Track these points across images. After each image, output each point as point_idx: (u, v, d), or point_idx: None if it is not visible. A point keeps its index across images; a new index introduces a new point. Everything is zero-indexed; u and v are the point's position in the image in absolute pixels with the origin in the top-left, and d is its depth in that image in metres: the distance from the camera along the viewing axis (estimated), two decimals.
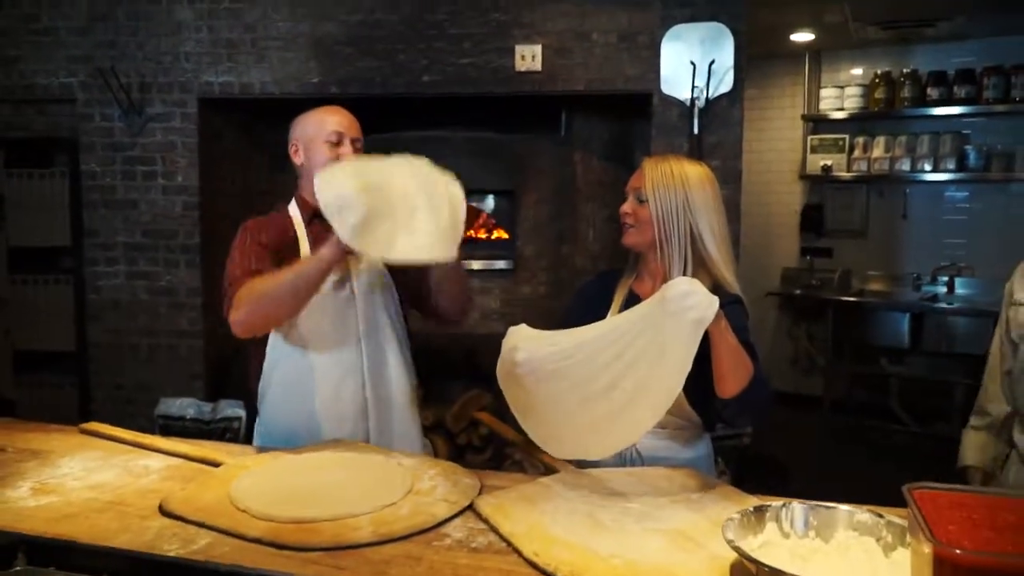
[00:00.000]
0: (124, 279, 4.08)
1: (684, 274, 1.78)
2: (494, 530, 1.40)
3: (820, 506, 1.30)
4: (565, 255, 4.29)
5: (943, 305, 5.12)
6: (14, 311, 4.19)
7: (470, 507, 1.49)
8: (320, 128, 1.97)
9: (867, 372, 5.49)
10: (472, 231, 4.68)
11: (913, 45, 5.48)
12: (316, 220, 1.94)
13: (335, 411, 1.97)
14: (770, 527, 1.28)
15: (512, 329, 1.67)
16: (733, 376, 1.57)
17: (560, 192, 4.26)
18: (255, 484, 1.56)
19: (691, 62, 3.51)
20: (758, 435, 3.65)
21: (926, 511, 0.99)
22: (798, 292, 5.79)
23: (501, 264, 4.25)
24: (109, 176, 4.05)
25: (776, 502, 1.31)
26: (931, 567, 0.90)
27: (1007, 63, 5.06)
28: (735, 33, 3.54)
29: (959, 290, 5.33)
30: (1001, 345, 1.92)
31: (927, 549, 0.91)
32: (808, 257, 5.89)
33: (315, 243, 1.90)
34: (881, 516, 1.25)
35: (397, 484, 1.57)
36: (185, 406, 3.82)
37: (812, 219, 5.95)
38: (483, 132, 4.22)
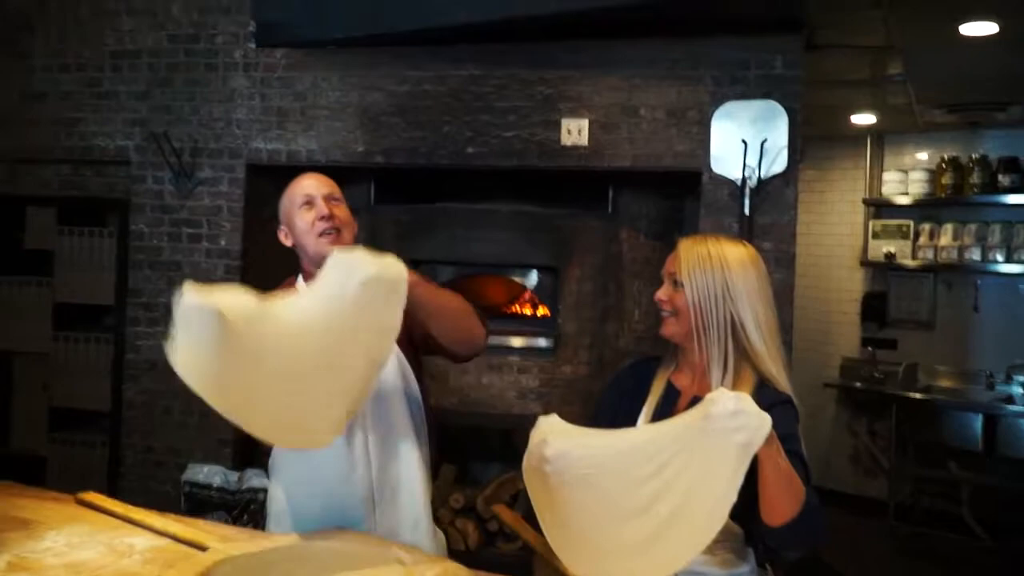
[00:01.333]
0: (163, 339, 4.04)
1: (725, 368, 1.61)
2: None
3: None
4: (609, 334, 4.12)
5: (1020, 407, 4.75)
6: (54, 367, 4.20)
7: None
8: (291, 201, 1.95)
9: (935, 476, 5.09)
10: (516, 306, 4.57)
11: (982, 130, 5.27)
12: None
13: (340, 495, 1.85)
14: None
15: (543, 419, 1.51)
16: (781, 503, 1.37)
17: (605, 269, 4.13)
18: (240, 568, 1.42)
19: (743, 140, 3.39)
20: None
21: None
22: (859, 385, 5.47)
23: (542, 342, 4.11)
24: (156, 238, 4.08)
25: None
26: None
27: None
28: (789, 112, 3.41)
29: None
30: None
31: None
32: (870, 348, 5.58)
33: None
34: None
35: None
36: (212, 474, 3.74)
37: (874, 308, 5.67)
38: (528, 206, 4.15)
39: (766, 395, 1.52)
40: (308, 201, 1.90)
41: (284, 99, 3.96)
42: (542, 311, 4.38)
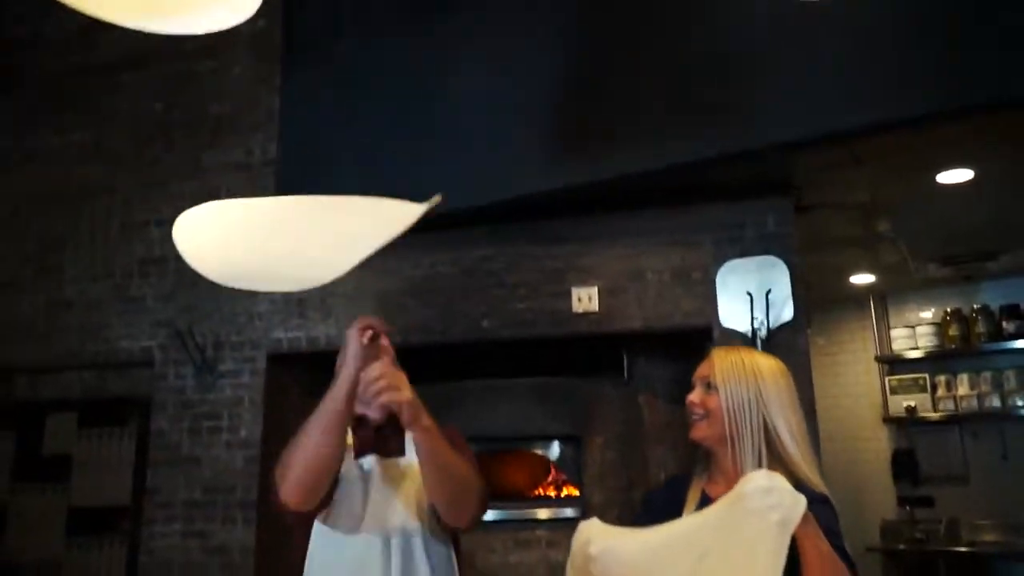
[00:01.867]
0: (179, 539, 3.95)
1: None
2: None
3: None
4: (636, 502, 4.02)
5: None
6: None
7: None
8: (351, 334, 1.99)
9: None
10: (541, 488, 4.49)
11: (978, 282, 5.42)
12: (360, 428, 1.93)
13: None
14: None
15: (583, 524, 1.50)
16: None
17: (627, 436, 4.11)
18: None
19: (748, 293, 3.51)
20: None
21: None
22: (903, 547, 5.24)
23: (569, 512, 4.01)
24: (176, 433, 4.10)
25: None
26: None
27: None
28: (788, 264, 3.55)
29: None
30: None
31: None
32: (908, 507, 5.40)
33: (359, 447, 1.90)
34: None
35: None
36: None
37: (905, 465, 5.54)
38: (545, 378, 4.20)
39: (803, 493, 1.51)
40: (365, 327, 1.93)
41: (303, 291, 4.13)
42: (569, 491, 4.31)
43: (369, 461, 1.93)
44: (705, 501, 1.70)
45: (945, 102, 2.67)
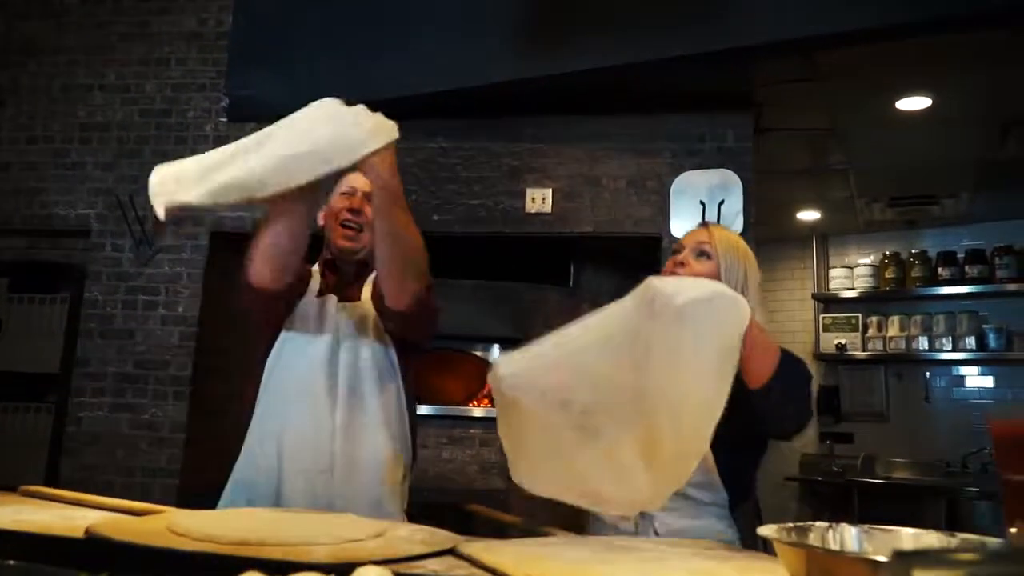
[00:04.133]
0: (108, 411, 3.88)
1: None
2: (478, 564, 1.15)
3: (877, 529, 1.06)
4: None
5: (976, 489, 4.78)
6: None
7: (451, 551, 1.25)
8: (337, 186, 2.01)
9: None
10: (476, 401, 4.51)
11: (920, 229, 5.57)
12: (327, 270, 1.97)
13: (299, 461, 1.78)
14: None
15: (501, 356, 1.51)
16: (760, 361, 1.42)
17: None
18: (199, 517, 1.33)
19: (700, 202, 3.53)
20: None
21: None
22: (820, 479, 5.45)
23: None
24: (110, 305, 3.99)
25: (820, 523, 1.08)
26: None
27: (1017, 244, 5.10)
28: (744, 180, 3.58)
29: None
30: None
31: None
32: (828, 442, 5.61)
33: (323, 288, 1.92)
34: (953, 536, 1.02)
35: (365, 527, 1.33)
36: None
37: (829, 402, 5.74)
38: (491, 281, 4.19)
39: None
40: (349, 192, 1.95)
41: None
42: None
43: (330, 300, 1.91)
44: None
45: (906, 15, 2.69)
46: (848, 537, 1.04)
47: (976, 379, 5.33)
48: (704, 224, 1.80)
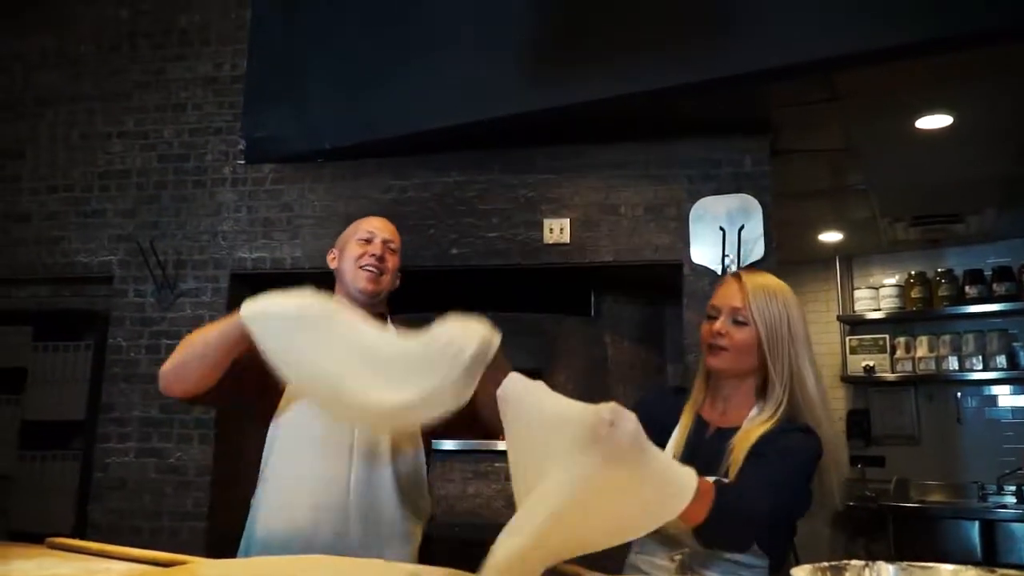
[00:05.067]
0: (134, 456, 3.89)
1: (777, 406, 1.60)
2: None
3: (916, 566, 1.02)
4: None
5: (1017, 511, 4.65)
6: (18, 489, 3.97)
7: None
8: (355, 230, 2.03)
9: None
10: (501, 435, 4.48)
11: (944, 247, 5.49)
12: None
13: (315, 523, 1.77)
14: None
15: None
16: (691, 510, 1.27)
17: (590, 373, 4.10)
18: (223, 566, 1.31)
19: (720, 228, 3.50)
20: None
21: None
22: (852, 504, 5.33)
23: None
24: (134, 350, 4.01)
25: (857, 562, 1.04)
26: None
27: None
28: (762, 204, 3.55)
29: None
30: None
31: None
32: (859, 466, 5.49)
33: None
34: (993, 572, 0.98)
35: (396, 572, 1.30)
36: None
37: (859, 425, 5.63)
38: (512, 312, 4.17)
39: (792, 424, 1.56)
40: (368, 238, 1.97)
41: (271, 210, 4.04)
42: None
43: None
44: (700, 424, 1.69)
45: (924, 33, 2.66)
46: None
47: (1008, 398, 5.21)
48: (737, 275, 1.71)
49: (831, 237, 5.43)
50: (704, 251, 3.57)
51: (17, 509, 3.95)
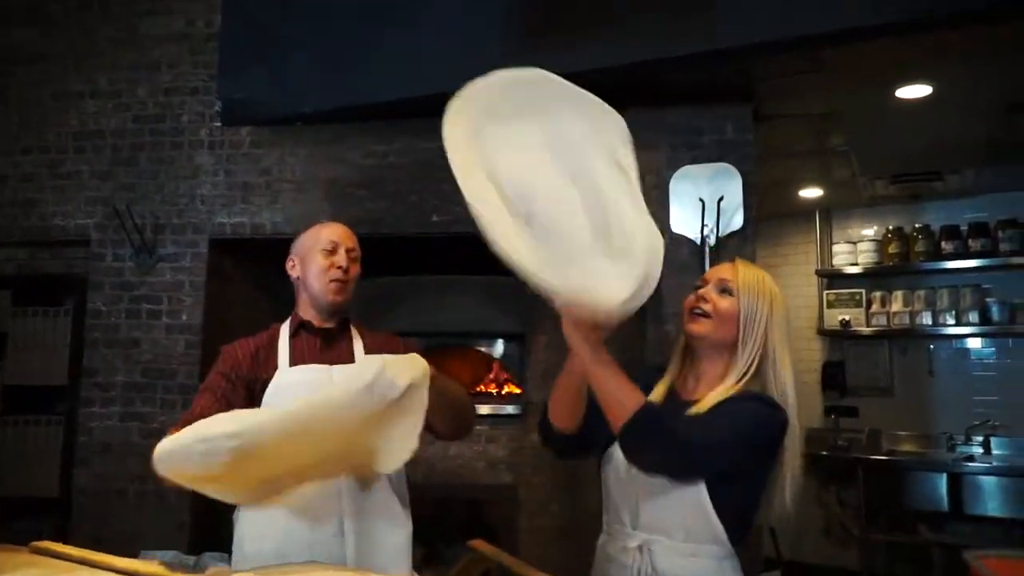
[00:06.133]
0: (118, 420, 3.92)
1: (739, 381, 1.69)
2: None
3: None
4: None
5: (981, 464, 4.82)
6: (2, 453, 4.01)
7: None
8: (316, 240, 2.03)
9: (907, 542, 5.07)
10: (483, 386, 4.54)
11: (923, 202, 5.52)
12: (302, 330, 2.01)
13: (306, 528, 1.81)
14: None
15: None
16: (608, 407, 1.57)
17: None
18: None
19: (700, 199, 3.51)
20: None
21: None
22: (825, 453, 5.49)
23: (510, 409, 4.08)
24: (114, 315, 4.00)
25: None
26: None
27: (1021, 216, 5.07)
28: (743, 173, 3.55)
29: (996, 450, 5.04)
30: None
31: None
32: (833, 416, 5.64)
33: (294, 354, 1.96)
34: None
35: None
36: (166, 559, 3.57)
37: (834, 377, 5.76)
38: (493, 276, 4.18)
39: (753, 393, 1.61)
40: (332, 249, 2.00)
41: (249, 174, 4.00)
42: (511, 389, 4.36)
43: (329, 371, 1.93)
44: (671, 397, 1.74)
45: (907, 12, 2.64)
46: None
47: (980, 351, 5.34)
48: (732, 260, 1.81)
49: (812, 193, 5.45)
50: (683, 220, 3.58)
51: (3, 475, 4.00)
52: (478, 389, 4.49)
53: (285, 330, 2.04)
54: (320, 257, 1.99)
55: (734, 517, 1.64)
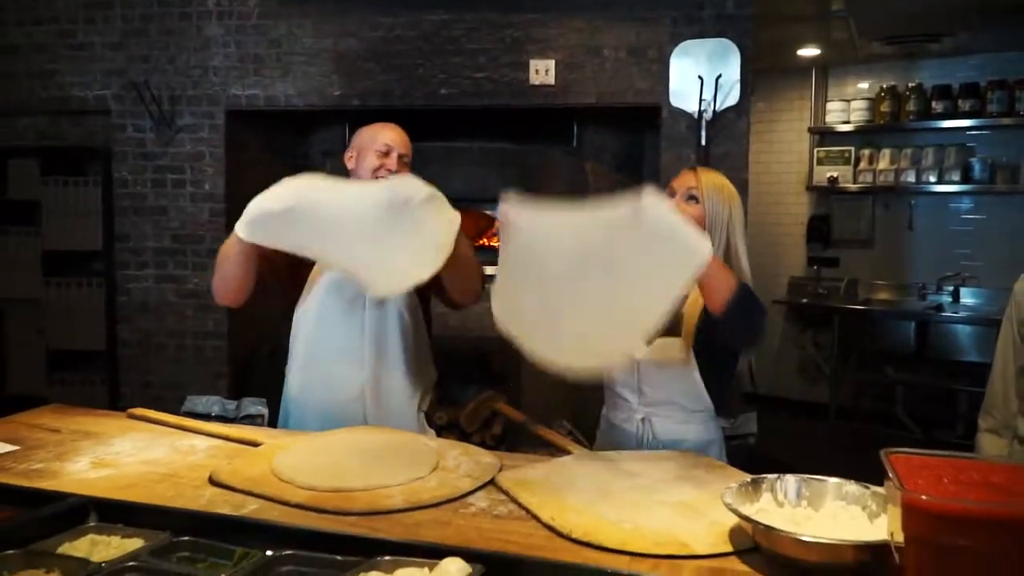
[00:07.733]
0: (153, 282, 4.24)
1: None
2: (514, 500, 1.53)
3: (811, 478, 1.42)
4: None
5: (948, 314, 5.22)
6: (47, 312, 4.36)
7: (491, 482, 1.63)
8: (373, 140, 2.20)
9: (873, 380, 5.59)
10: (485, 239, 4.82)
11: (918, 60, 5.60)
12: None
13: (336, 400, 2.16)
14: (765, 496, 1.40)
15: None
16: (717, 290, 1.67)
17: (572, 200, 4.40)
18: (295, 460, 1.70)
19: (699, 76, 3.66)
20: (765, 439, 3.76)
21: (900, 470, 1.12)
22: (805, 301, 5.90)
23: None
24: (140, 184, 4.23)
25: (771, 475, 1.44)
26: (901, 515, 1.03)
27: (1011, 77, 5.18)
28: (742, 49, 3.68)
29: (964, 299, 5.43)
30: (1014, 344, 2.04)
31: (898, 498, 1.05)
32: (815, 267, 5.99)
33: None
34: (867, 487, 1.38)
35: (424, 461, 1.71)
36: (211, 404, 3.94)
37: (819, 229, 6.06)
38: (497, 143, 4.38)
39: None
40: (387, 151, 2.17)
41: (259, 46, 4.09)
42: None
43: None
44: None
45: None
46: (791, 487, 1.41)
47: (958, 207, 5.61)
48: (693, 168, 2.02)
49: (809, 52, 5.52)
50: (682, 95, 3.75)
51: (52, 329, 4.37)
52: (481, 243, 4.78)
53: None
54: (374, 157, 2.16)
55: (717, 387, 1.98)
